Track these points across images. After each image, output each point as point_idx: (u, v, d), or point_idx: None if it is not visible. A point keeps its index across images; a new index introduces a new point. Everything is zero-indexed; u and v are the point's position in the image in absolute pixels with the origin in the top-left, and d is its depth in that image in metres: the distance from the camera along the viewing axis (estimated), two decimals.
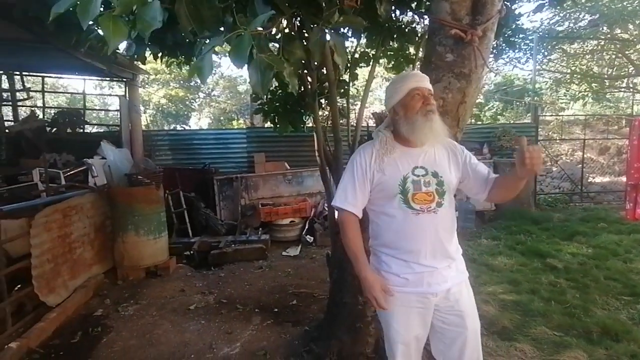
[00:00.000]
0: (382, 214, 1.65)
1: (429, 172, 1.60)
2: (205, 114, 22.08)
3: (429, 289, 1.61)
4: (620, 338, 2.70)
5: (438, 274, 1.61)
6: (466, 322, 1.64)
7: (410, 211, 1.57)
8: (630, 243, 4.91)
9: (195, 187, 6.31)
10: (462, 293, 1.66)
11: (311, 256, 5.25)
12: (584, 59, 11.51)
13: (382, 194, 1.63)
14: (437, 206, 1.58)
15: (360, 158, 1.67)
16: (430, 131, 1.57)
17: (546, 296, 3.44)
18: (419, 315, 1.66)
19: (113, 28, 0.91)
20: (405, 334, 1.67)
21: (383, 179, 1.61)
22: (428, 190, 1.58)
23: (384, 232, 1.66)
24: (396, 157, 1.62)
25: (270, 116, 3.67)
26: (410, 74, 1.68)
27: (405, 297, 1.63)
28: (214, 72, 21.09)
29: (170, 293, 3.99)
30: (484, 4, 1.89)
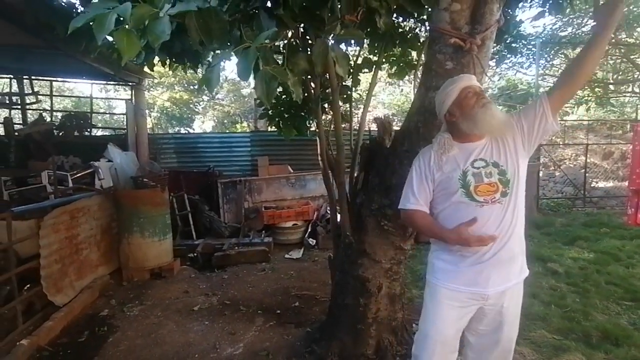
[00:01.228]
0: (446, 211, 1.66)
1: (489, 163, 1.59)
2: (209, 117, 22.21)
3: (483, 290, 1.60)
4: (620, 343, 2.73)
5: (496, 274, 1.59)
6: (504, 329, 1.65)
7: (474, 204, 1.57)
8: (632, 248, 4.93)
9: (200, 190, 6.38)
10: (512, 300, 1.65)
11: (313, 259, 5.29)
12: None
13: (445, 191, 1.65)
14: (501, 196, 1.57)
15: (419, 162, 1.73)
16: (492, 119, 1.57)
17: (546, 300, 3.46)
18: (463, 313, 1.66)
19: (127, 42, 0.97)
20: (445, 333, 1.68)
21: (443, 176, 1.64)
22: (490, 181, 1.57)
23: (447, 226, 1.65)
24: (454, 154, 1.64)
25: (274, 121, 3.73)
26: (457, 78, 1.69)
27: (455, 294, 1.64)
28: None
29: (175, 294, 4.04)
30: (483, 14, 1.94)
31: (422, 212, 1.70)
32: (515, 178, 1.59)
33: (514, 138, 1.62)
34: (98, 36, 0.96)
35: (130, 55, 1.00)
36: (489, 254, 1.58)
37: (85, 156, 5.79)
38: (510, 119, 1.64)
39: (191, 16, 0.97)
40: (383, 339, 2.60)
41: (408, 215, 1.74)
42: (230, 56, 1.08)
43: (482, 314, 1.66)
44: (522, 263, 1.68)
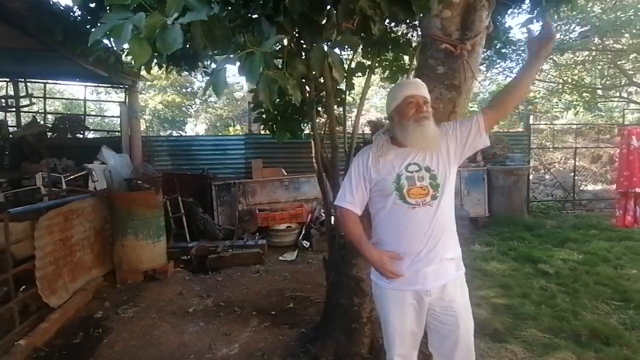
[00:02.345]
0: (381, 212, 1.75)
1: (422, 168, 1.69)
2: (202, 120, 22.19)
3: (423, 286, 1.69)
4: (611, 342, 2.78)
5: (433, 271, 1.68)
6: (459, 322, 1.71)
7: (407, 206, 1.66)
8: (621, 250, 5.03)
9: (194, 193, 6.38)
10: (456, 293, 1.73)
11: (307, 261, 5.33)
12: (575, 69, 11.73)
13: (380, 192, 1.74)
14: (432, 199, 1.66)
15: (358, 161, 1.81)
16: (421, 136, 1.66)
17: (537, 300, 3.53)
18: (414, 312, 1.75)
19: (139, 49, 1.01)
20: (402, 329, 1.76)
21: (379, 178, 1.72)
22: (422, 185, 1.66)
23: (383, 230, 1.77)
24: (391, 158, 1.72)
25: (268, 124, 3.77)
26: (406, 82, 1.77)
27: (401, 294, 1.73)
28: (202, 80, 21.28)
29: (169, 296, 4.05)
30: (473, 21, 2.01)
31: (354, 214, 1.78)
32: (446, 183, 1.69)
33: (447, 146, 1.73)
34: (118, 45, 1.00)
35: (142, 61, 1.04)
36: (423, 254, 1.67)
37: (79, 158, 5.77)
38: (444, 130, 1.75)
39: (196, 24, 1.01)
40: (377, 338, 2.64)
41: (341, 213, 1.82)
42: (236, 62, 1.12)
43: (435, 312, 1.74)
44: (458, 259, 1.77)
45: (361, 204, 1.79)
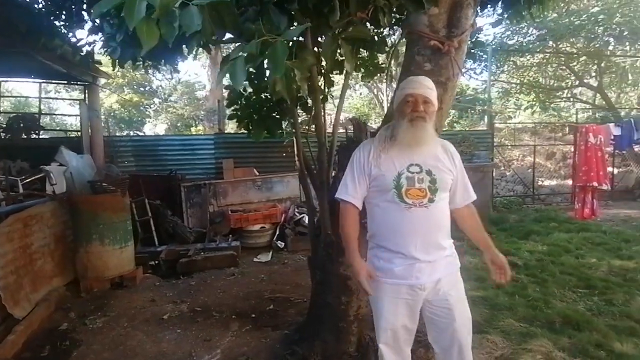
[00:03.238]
0: (377, 207, 1.77)
1: (423, 170, 1.70)
2: (162, 120, 21.46)
3: (417, 281, 1.71)
4: (582, 328, 2.93)
5: (427, 266, 1.70)
6: (454, 315, 1.74)
7: (403, 205, 1.68)
8: (579, 240, 5.33)
9: (161, 195, 6.12)
10: (451, 287, 1.76)
11: (283, 261, 5.26)
12: (531, 70, 12.38)
13: (378, 188, 1.75)
14: (428, 202, 1.68)
15: (360, 154, 1.81)
16: (410, 136, 1.68)
17: (510, 291, 3.67)
18: (407, 306, 1.75)
19: (147, 31, 0.92)
20: (394, 323, 1.77)
21: (379, 174, 1.73)
22: (421, 187, 1.68)
23: (378, 225, 1.78)
24: (393, 154, 1.73)
25: (244, 122, 3.67)
26: (409, 80, 1.76)
27: (395, 288, 1.73)
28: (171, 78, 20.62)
29: (140, 303, 3.86)
30: (459, 18, 2.04)
31: (355, 210, 1.81)
32: (444, 188, 1.74)
33: (450, 168, 1.77)
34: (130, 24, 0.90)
35: (150, 44, 0.95)
36: (417, 250, 1.70)
37: (34, 160, 5.36)
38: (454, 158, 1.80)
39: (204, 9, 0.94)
40: (364, 335, 2.64)
41: (343, 207, 1.83)
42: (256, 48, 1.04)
43: (431, 305, 1.77)
44: (453, 256, 1.82)
45: (362, 198, 1.81)
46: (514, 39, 10.54)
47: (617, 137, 6.68)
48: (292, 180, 6.52)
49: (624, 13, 9.18)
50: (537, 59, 11.46)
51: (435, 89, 1.74)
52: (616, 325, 3.01)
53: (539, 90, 12.11)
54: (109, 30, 1.87)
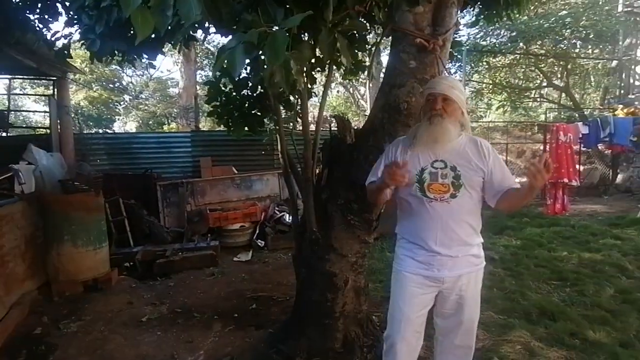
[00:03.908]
0: (403, 200, 1.83)
1: (448, 166, 1.73)
2: (132, 118, 20.86)
3: (438, 273, 1.75)
4: (556, 318, 3.04)
5: (447, 260, 1.73)
6: (464, 309, 1.80)
7: (425, 199, 1.74)
8: (551, 235, 5.54)
9: (136, 194, 5.95)
10: (469, 285, 1.79)
11: (264, 260, 5.21)
12: (503, 71, 12.78)
13: None
14: (450, 197, 1.71)
15: (390, 149, 1.90)
16: (429, 134, 1.71)
17: (488, 284, 3.75)
18: (425, 298, 1.81)
19: (142, 20, 0.88)
20: (409, 313, 1.82)
21: None
22: (444, 182, 1.72)
23: (404, 218, 1.87)
24: (419, 150, 1.77)
25: (223, 119, 3.60)
26: (431, 80, 1.83)
27: (415, 278, 1.79)
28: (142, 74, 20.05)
29: (117, 306, 3.73)
30: (443, 17, 2.07)
31: None
32: (469, 185, 1.73)
33: (479, 166, 1.74)
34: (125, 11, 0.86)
35: (145, 33, 0.92)
36: (438, 244, 1.74)
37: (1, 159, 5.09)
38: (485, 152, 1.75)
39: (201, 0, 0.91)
40: (350, 332, 2.65)
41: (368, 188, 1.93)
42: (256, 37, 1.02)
43: (443, 297, 1.83)
44: (478, 253, 1.84)
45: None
46: (487, 40, 10.87)
47: (585, 135, 6.99)
48: (271, 179, 6.47)
49: (589, 17, 9.61)
50: (509, 60, 11.84)
51: (457, 87, 1.75)
52: (588, 314, 3.15)
53: (510, 90, 12.51)
54: (87, 22, 1.78)
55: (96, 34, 1.77)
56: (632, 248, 4.88)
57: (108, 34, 1.73)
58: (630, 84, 10.02)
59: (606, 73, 12.26)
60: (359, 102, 20.75)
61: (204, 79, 20.55)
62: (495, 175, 1.75)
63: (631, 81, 10.01)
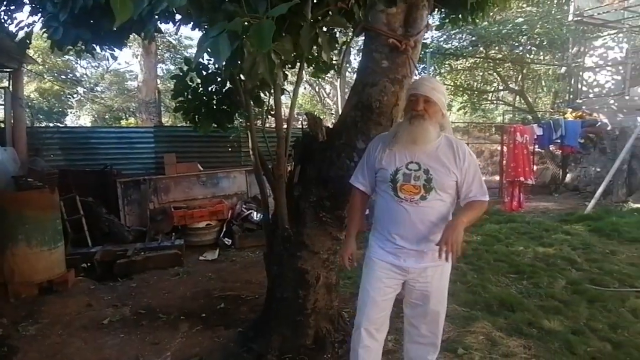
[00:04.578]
0: (379, 195, 1.94)
1: (422, 168, 1.78)
2: (87, 111, 19.84)
3: (404, 263, 1.84)
4: (515, 309, 3.21)
5: (414, 253, 1.82)
6: (430, 299, 1.88)
7: (396, 199, 1.81)
8: (508, 231, 5.83)
9: (94, 191, 5.68)
10: (434, 277, 1.87)
11: (231, 259, 5.14)
12: (463, 74, 13.28)
13: (380, 179, 1.90)
14: (420, 199, 1.77)
15: (371, 147, 1.97)
16: (409, 134, 1.76)
17: (452, 278, 3.80)
18: (391, 282, 1.90)
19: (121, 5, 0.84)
20: (375, 296, 1.91)
21: (381, 167, 1.87)
22: (416, 184, 1.78)
23: (378, 209, 1.95)
24: (397, 150, 1.82)
25: (190, 115, 3.51)
26: (414, 81, 1.90)
27: (383, 264, 1.88)
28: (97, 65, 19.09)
29: (75, 309, 3.55)
30: (415, 19, 2.13)
31: (364, 195, 2.02)
32: (440, 189, 1.78)
33: (453, 169, 1.78)
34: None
35: (124, 17, 0.87)
36: (406, 238, 1.83)
37: None
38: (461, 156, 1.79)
39: None
40: (321, 328, 2.67)
41: (353, 192, 2.04)
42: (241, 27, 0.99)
43: (410, 287, 1.93)
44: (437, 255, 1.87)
45: (371, 186, 1.97)
46: (450, 43, 11.26)
47: (540, 136, 7.41)
48: (238, 176, 6.38)
49: (543, 25, 10.17)
50: (469, 63, 12.32)
51: (439, 89, 1.78)
52: (543, 305, 3.35)
53: (470, 92, 13.02)
54: (51, 10, 1.68)
55: (59, 22, 1.67)
56: (581, 242, 5.24)
57: (72, 22, 1.63)
58: (578, 89, 10.70)
59: (556, 78, 13.04)
60: (324, 101, 20.85)
61: (165, 73, 19.90)
62: (467, 182, 1.81)
63: (579, 87, 10.69)
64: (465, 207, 1.83)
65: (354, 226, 2.03)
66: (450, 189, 1.81)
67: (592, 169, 9.76)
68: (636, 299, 3.44)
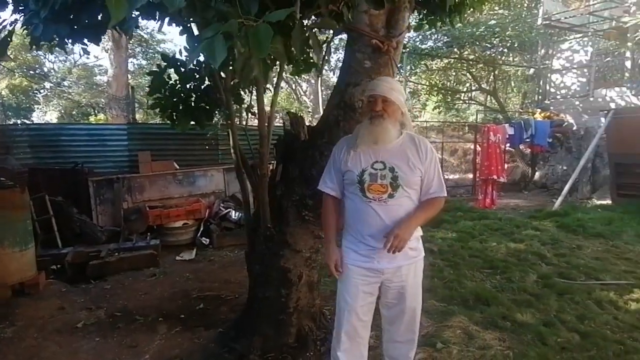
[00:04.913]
0: (347, 198, 1.93)
1: (387, 167, 1.80)
2: (54, 107, 19.08)
3: (378, 265, 1.85)
4: (490, 303, 3.33)
5: (387, 254, 1.80)
6: (406, 297, 1.90)
7: (365, 199, 1.82)
8: (481, 227, 6.01)
9: (65, 191, 5.47)
10: (409, 275, 1.90)
11: (209, 258, 5.07)
12: (438, 74, 13.57)
13: (348, 182, 1.89)
14: (388, 197, 1.80)
15: (336, 150, 1.97)
16: (370, 134, 1.78)
17: (429, 275, 4.00)
18: (368, 288, 1.90)
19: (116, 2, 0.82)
20: (353, 303, 1.91)
21: (347, 169, 1.87)
22: (383, 183, 1.80)
23: (348, 213, 1.94)
24: (361, 151, 1.83)
25: (167, 112, 3.44)
26: (372, 82, 1.89)
27: (358, 270, 1.88)
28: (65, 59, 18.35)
29: (48, 312, 3.43)
30: (397, 20, 2.16)
31: (335, 200, 1.97)
32: (406, 185, 1.82)
33: (416, 164, 1.83)
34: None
35: (120, 16, 0.85)
36: (377, 242, 1.83)
37: None
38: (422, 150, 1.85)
39: None
40: (303, 326, 2.68)
41: (324, 198, 2.01)
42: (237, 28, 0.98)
43: (386, 288, 1.94)
44: (416, 246, 1.95)
45: (340, 189, 1.95)
46: (426, 43, 11.48)
47: (511, 136, 7.67)
48: (216, 174, 6.29)
49: (514, 28, 10.52)
50: (444, 64, 12.60)
51: (397, 89, 1.81)
52: (516, 299, 3.48)
53: (445, 91, 13.32)
54: (33, 7, 1.63)
55: (40, 19, 1.61)
56: (549, 238, 5.47)
57: (51, 18, 1.58)
58: (547, 90, 11.14)
59: (525, 79, 13.52)
60: (301, 98, 20.82)
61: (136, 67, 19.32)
62: (428, 177, 1.86)
63: (547, 88, 11.13)
64: (423, 206, 1.87)
65: (332, 232, 1.99)
66: (415, 185, 1.85)
67: (559, 167, 10.20)
68: (601, 292, 3.63)
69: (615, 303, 3.41)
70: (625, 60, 10.14)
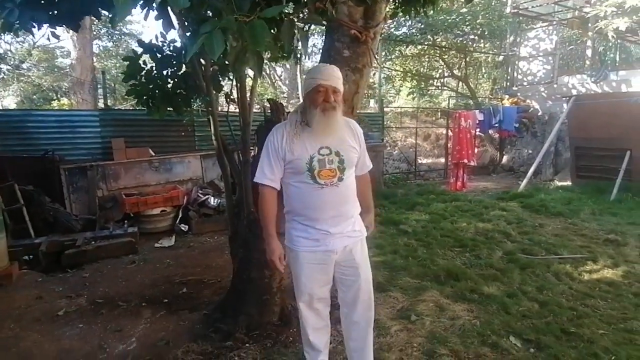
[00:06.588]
0: (292, 186, 1.91)
1: (333, 152, 1.86)
2: (12, 92, 18.06)
3: (330, 247, 1.92)
4: (460, 278, 3.57)
5: (338, 233, 1.92)
6: (359, 272, 2.01)
7: (316, 185, 1.85)
8: (453, 209, 6.30)
9: (35, 179, 5.31)
10: (357, 250, 2.00)
11: (188, 245, 5.11)
12: (412, 60, 13.76)
13: (293, 170, 1.88)
14: (338, 180, 1.87)
15: (273, 138, 1.90)
16: (326, 126, 1.83)
17: (404, 254, 4.22)
18: (322, 270, 1.98)
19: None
20: (311, 286, 2.00)
21: (293, 158, 1.85)
22: (331, 167, 1.85)
23: (294, 202, 1.93)
24: (304, 138, 1.86)
25: (143, 99, 3.42)
26: (319, 70, 1.87)
27: (311, 255, 1.94)
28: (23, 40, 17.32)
29: (24, 302, 3.41)
30: (374, 11, 2.25)
31: (274, 192, 1.94)
32: (351, 166, 1.93)
33: (354, 144, 1.95)
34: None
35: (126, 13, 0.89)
36: (329, 221, 1.90)
37: None
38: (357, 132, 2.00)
39: None
40: (286, 305, 2.81)
41: (262, 190, 1.95)
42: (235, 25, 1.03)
43: (340, 267, 2.02)
44: (360, 224, 2.05)
45: (279, 180, 1.94)
46: (400, 30, 11.60)
47: (481, 121, 7.97)
48: (193, 161, 6.26)
49: (485, 16, 10.79)
50: (417, 50, 12.79)
51: (340, 77, 1.88)
52: (483, 273, 3.74)
53: (418, 78, 13.54)
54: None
55: (15, 3, 1.59)
56: (515, 217, 5.81)
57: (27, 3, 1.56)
58: (514, 77, 11.54)
59: (495, 66, 13.92)
60: (276, 84, 20.61)
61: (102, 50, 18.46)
62: (362, 155, 2.02)
63: (515, 74, 11.53)
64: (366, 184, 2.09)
65: (272, 226, 1.93)
66: (354, 164, 1.98)
67: (525, 151, 10.68)
68: (559, 265, 3.94)
69: (571, 275, 3.72)
70: (586, 49, 10.61)
